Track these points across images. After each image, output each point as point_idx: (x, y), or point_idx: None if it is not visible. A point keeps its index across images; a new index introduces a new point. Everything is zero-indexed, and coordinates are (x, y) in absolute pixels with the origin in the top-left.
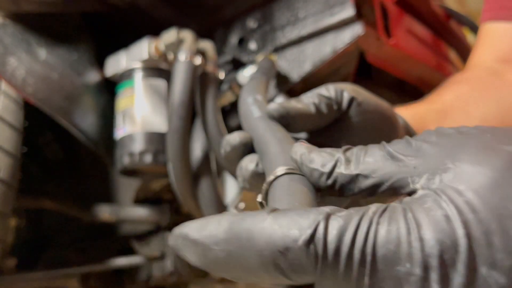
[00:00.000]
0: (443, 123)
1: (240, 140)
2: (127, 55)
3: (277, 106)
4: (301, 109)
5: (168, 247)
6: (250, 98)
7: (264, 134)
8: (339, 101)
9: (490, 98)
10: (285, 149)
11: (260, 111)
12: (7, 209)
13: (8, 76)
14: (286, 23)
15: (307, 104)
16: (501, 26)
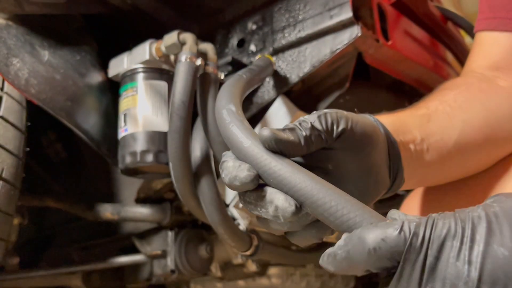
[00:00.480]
0: (426, 127)
1: (251, 180)
2: (129, 57)
3: (269, 136)
4: (292, 141)
5: (169, 245)
6: (225, 113)
7: (307, 183)
8: (330, 133)
9: (476, 102)
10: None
11: (248, 137)
12: (11, 209)
13: (12, 77)
14: (285, 25)
15: (299, 136)
16: (493, 35)
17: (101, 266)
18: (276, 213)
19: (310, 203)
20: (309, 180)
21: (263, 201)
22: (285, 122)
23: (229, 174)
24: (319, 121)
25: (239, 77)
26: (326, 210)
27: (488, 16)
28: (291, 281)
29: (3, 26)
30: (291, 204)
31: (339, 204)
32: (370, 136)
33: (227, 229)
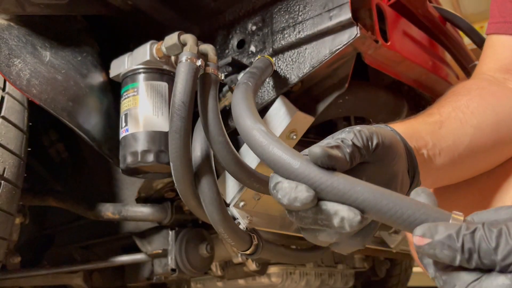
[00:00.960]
0: (437, 133)
1: (312, 200)
2: (130, 58)
3: (322, 153)
4: (340, 158)
5: (170, 245)
6: (258, 135)
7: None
8: (367, 149)
9: (487, 107)
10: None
11: (295, 157)
12: (12, 208)
13: (13, 77)
14: (285, 26)
15: (344, 153)
16: (503, 39)
17: (102, 265)
18: (342, 223)
19: (377, 211)
20: (371, 190)
21: (325, 214)
22: (285, 122)
23: (287, 195)
24: (357, 139)
25: (246, 86)
26: (393, 215)
27: (499, 21)
28: (291, 280)
29: (5, 27)
30: (357, 214)
31: (404, 207)
32: (395, 147)
33: (228, 229)
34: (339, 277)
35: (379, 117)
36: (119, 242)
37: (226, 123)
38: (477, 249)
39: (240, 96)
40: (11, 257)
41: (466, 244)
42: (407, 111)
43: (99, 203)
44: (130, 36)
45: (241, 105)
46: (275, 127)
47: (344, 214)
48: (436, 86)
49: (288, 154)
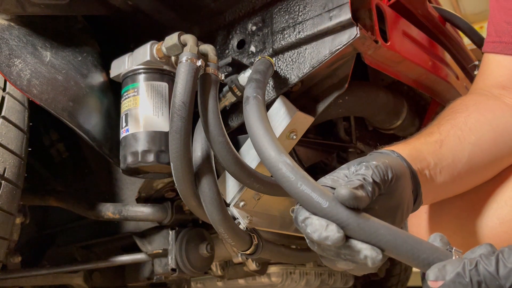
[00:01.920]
0: (438, 152)
1: (342, 239)
2: (131, 58)
3: (349, 196)
4: (365, 198)
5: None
6: (285, 170)
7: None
8: (384, 183)
9: (485, 122)
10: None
11: (324, 197)
12: (13, 208)
13: (14, 78)
14: (285, 26)
15: (367, 192)
16: (499, 58)
17: (102, 265)
18: (366, 260)
19: (396, 252)
20: (392, 233)
21: (349, 250)
22: (285, 122)
23: (318, 232)
24: (376, 175)
25: (257, 102)
26: (410, 256)
27: (495, 40)
28: (291, 279)
29: (5, 27)
30: (379, 253)
31: (419, 250)
32: (404, 177)
33: (228, 228)
34: (339, 277)
35: (379, 117)
36: (119, 242)
37: (226, 123)
38: (483, 279)
39: (255, 117)
40: (12, 257)
41: (473, 278)
42: (407, 111)
43: (99, 203)
44: (131, 36)
45: (260, 131)
46: (275, 127)
47: (367, 253)
48: (436, 86)
49: (317, 193)
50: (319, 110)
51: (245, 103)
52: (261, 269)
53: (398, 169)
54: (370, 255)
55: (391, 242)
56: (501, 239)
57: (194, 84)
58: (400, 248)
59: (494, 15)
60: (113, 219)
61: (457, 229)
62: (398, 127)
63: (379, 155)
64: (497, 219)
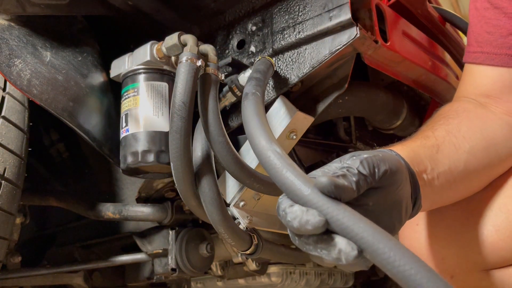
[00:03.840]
0: (435, 157)
1: (323, 224)
2: (131, 58)
3: (328, 183)
4: (346, 187)
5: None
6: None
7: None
8: (373, 176)
9: (476, 130)
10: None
11: (307, 184)
12: (13, 208)
13: (14, 78)
14: (285, 26)
15: (351, 182)
16: (481, 68)
17: (102, 264)
18: (339, 255)
19: (371, 251)
20: (370, 230)
21: (325, 243)
22: (285, 122)
23: (298, 218)
24: (363, 167)
25: (255, 97)
26: (385, 259)
27: (476, 51)
28: (291, 279)
29: (6, 27)
30: (354, 249)
31: (397, 255)
32: (401, 173)
33: (228, 228)
34: (339, 277)
35: (378, 117)
36: (119, 241)
37: (226, 123)
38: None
39: (251, 110)
40: (12, 256)
41: None
42: (407, 111)
43: (99, 203)
44: (131, 36)
45: (254, 122)
46: (275, 127)
47: (342, 247)
48: (436, 86)
49: (300, 180)
50: (319, 110)
51: (244, 99)
52: (261, 269)
53: (394, 164)
54: (344, 249)
55: (368, 239)
56: (497, 247)
57: (194, 84)
58: (377, 248)
59: (475, 25)
60: (113, 219)
61: (452, 239)
62: (398, 127)
63: (374, 151)
64: (492, 227)
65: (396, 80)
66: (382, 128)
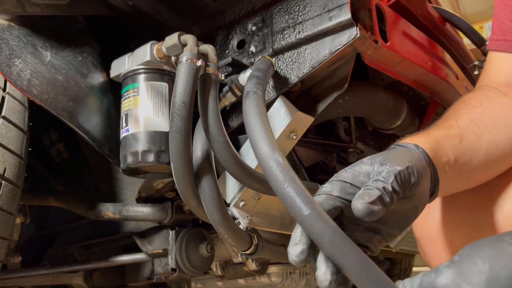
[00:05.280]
0: (458, 147)
1: (301, 260)
2: (131, 58)
3: (365, 211)
4: (380, 211)
5: (170, 244)
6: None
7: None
8: (404, 190)
9: (498, 121)
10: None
11: (307, 205)
12: (13, 208)
13: (14, 78)
14: (285, 27)
15: (385, 203)
16: (504, 56)
17: (102, 264)
18: (319, 281)
19: (355, 280)
20: (360, 262)
21: (314, 263)
22: (285, 122)
23: (290, 244)
24: (397, 183)
25: (257, 96)
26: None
27: (499, 38)
28: (291, 279)
29: (6, 27)
30: (327, 280)
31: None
32: (425, 178)
33: (228, 228)
34: None
35: (378, 117)
36: (119, 242)
37: (226, 123)
38: None
39: (253, 109)
40: (12, 256)
41: None
42: (407, 111)
43: (99, 203)
44: (131, 36)
45: (257, 124)
46: (275, 127)
47: (319, 274)
48: (436, 86)
49: (301, 198)
50: (319, 110)
51: (245, 97)
52: (261, 269)
53: (421, 172)
54: (319, 277)
55: (354, 270)
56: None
57: (194, 84)
58: (360, 277)
59: (499, 13)
60: (113, 219)
61: (461, 223)
62: (398, 127)
63: (403, 153)
64: (500, 214)
65: (396, 80)
66: (382, 128)
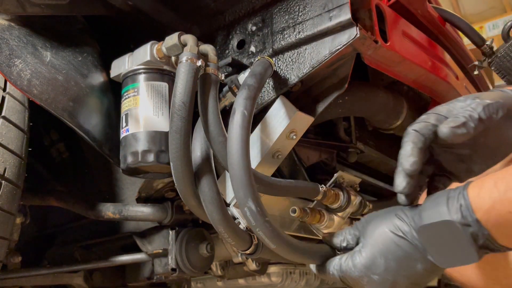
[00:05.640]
0: None
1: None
2: (131, 58)
3: (449, 134)
4: (464, 135)
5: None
6: (247, 211)
7: None
8: (490, 121)
9: None
10: None
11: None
12: (13, 208)
13: (14, 78)
14: (285, 27)
15: (468, 129)
16: None
17: (102, 264)
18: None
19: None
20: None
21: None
22: (285, 122)
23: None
24: (484, 113)
25: (243, 119)
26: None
27: None
28: (291, 279)
29: (6, 27)
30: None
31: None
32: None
33: (228, 228)
34: None
35: (378, 117)
36: (119, 241)
37: (226, 123)
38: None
39: (236, 138)
40: (12, 256)
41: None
42: (407, 111)
43: (99, 203)
44: (131, 36)
45: (239, 154)
46: (275, 127)
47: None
48: (436, 87)
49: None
50: (319, 110)
51: (232, 116)
52: (261, 269)
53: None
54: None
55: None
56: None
57: (194, 84)
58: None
59: None
60: (113, 219)
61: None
62: (398, 127)
63: (496, 93)
64: None
65: (396, 80)
66: (382, 128)
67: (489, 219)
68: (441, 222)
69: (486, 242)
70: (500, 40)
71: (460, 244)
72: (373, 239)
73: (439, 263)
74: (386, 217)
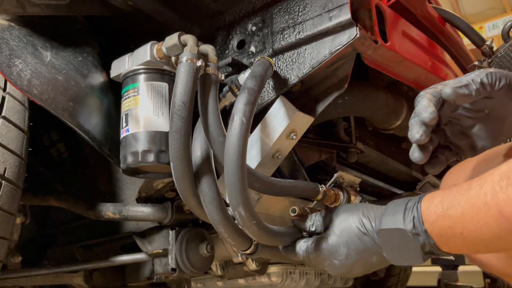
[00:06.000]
0: None
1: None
2: (131, 58)
3: (452, 93)
4: (467, 95)
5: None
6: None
7: None
8: (493, 87)
9: None
10: None
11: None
12: (13, 208)
13: (14, 78)
14: (285, 27)
15: (471, 90)
16: None
17: (103, 264)
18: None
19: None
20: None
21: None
22: (285, 122)
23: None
24: (487, 78)
25: (241, 127)
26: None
27: None
28: (291, 279)
29: (6, 27)
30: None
31: None
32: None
33: (227, 228)
34: (339, 277)
35: (378, 117)
36: (119, 241)
37: (226, 123)
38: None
39: (234, 143)
40: (12, 256)
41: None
42: (407, 111)
43: (99, 203)
44: (131, 36)
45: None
46: (275, 127)
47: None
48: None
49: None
50: (319, 110)
51: (231, 122)
52: (261, 269)
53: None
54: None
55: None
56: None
57: (194, 84)
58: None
59: None
60: (113, 219)
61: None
62: (398, 127)
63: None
64: None
65: (396, 80)
66: (382, 128)
67: (433, 230)
68: (396, 230)
69: (431, 249)
70: (500, 40)
71: (409, 248)
72: (340, 230)
73: (391, 260)
74: (354, 213)
